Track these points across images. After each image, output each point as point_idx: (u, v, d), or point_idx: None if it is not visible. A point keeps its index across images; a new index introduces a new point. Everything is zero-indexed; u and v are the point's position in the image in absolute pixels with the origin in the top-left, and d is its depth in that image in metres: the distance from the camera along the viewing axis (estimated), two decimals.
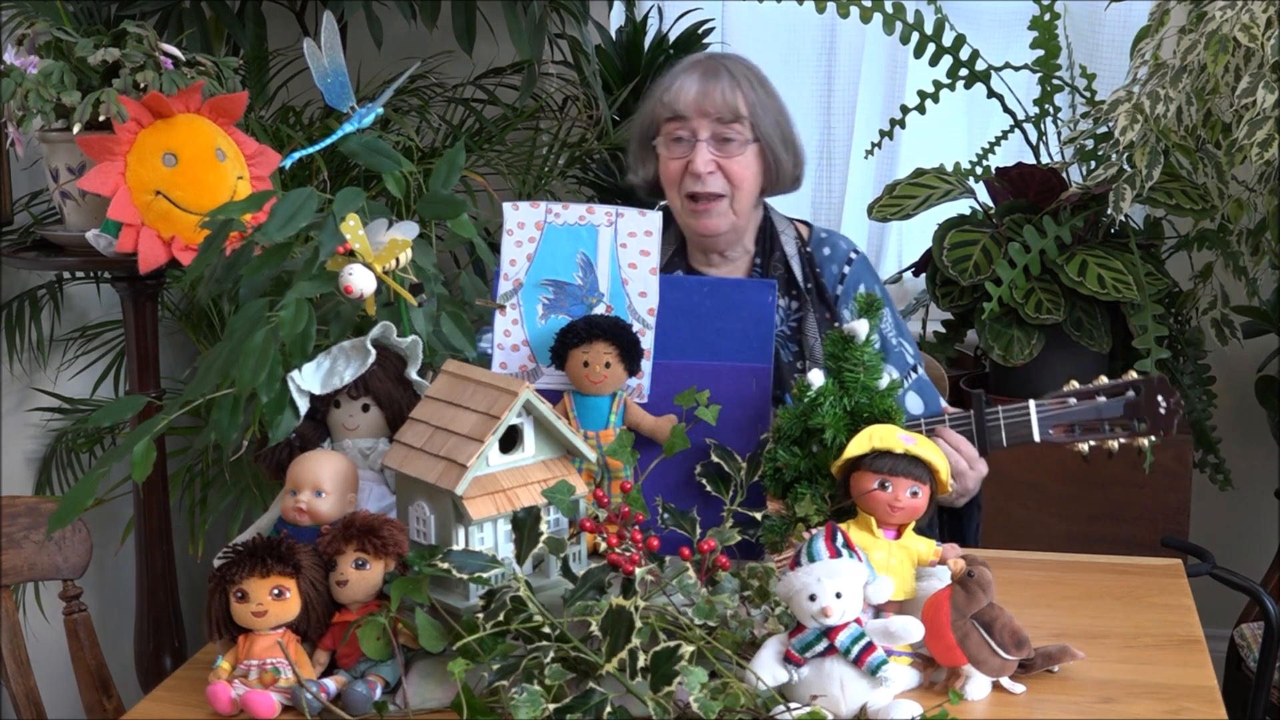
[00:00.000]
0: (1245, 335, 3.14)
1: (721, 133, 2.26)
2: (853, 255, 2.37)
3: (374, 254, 1.79)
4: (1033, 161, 3.11)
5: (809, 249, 2.37)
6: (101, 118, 2.29)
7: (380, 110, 1.93)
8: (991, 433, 2.02)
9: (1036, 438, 2.00)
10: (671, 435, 1.86)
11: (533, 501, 1.68)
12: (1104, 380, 2.01)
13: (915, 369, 2.34)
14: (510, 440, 1.70)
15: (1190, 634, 1.81)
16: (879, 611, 1.68)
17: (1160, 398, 1.98)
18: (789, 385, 2.25)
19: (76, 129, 2.31)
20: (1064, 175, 2.99)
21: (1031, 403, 2.00)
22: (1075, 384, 2.02)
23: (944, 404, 2.33)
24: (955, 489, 2.08)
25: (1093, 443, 1.99)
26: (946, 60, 3.06)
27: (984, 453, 2.04)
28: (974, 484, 2.07)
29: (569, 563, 1.67)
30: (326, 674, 1.67)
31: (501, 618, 1.56)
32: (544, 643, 1.53)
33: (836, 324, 2.30)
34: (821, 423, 1.80)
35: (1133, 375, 2.01)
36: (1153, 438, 1.98)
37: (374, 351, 1.81)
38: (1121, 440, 1.99)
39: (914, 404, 2.29)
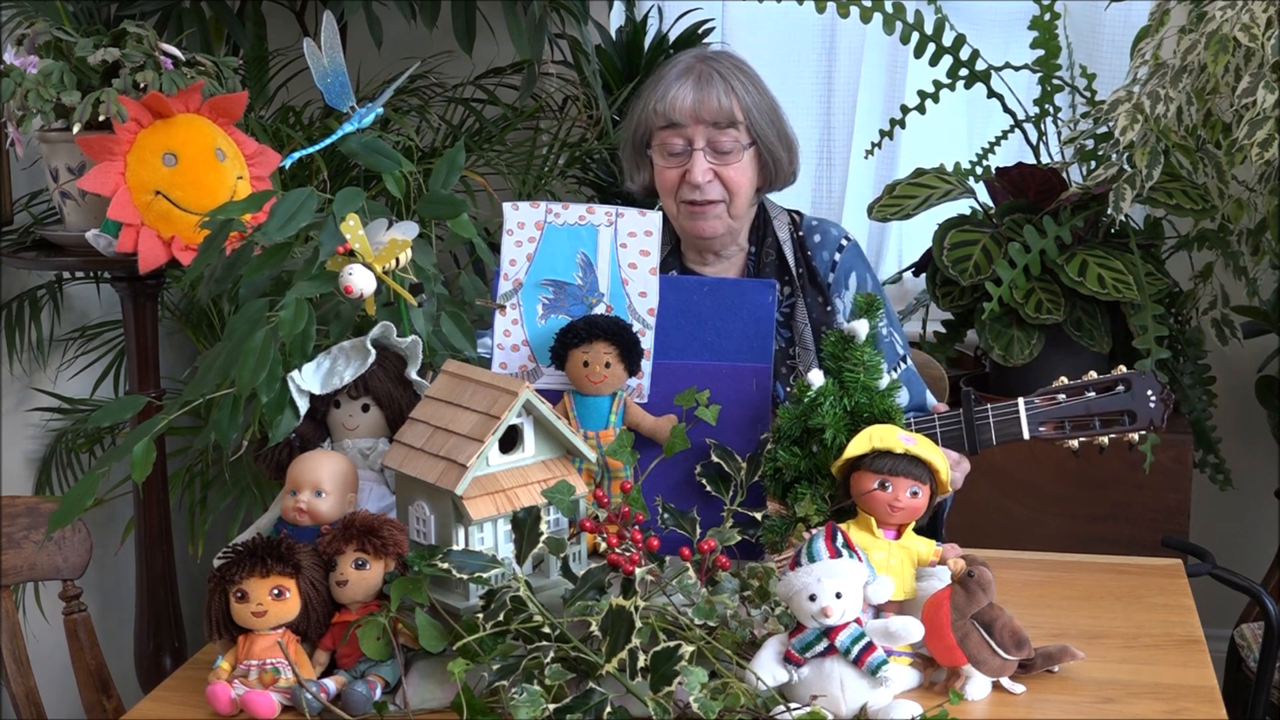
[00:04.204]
0: (1245, 335, 3.14)
1: (717, 140, 2.25)
2: (844, 242, 2.37)
3: (374, 254, 1.79)
4: (1033, 161, 3.11)
5: (800, 234, 2.37)
6: (101, 118, 2.29)
7: (380, 110, 1.93)
8: (981, 431, 2.01)
9: (1026, 435, 2.00)
10: (671, 435, 1.86)
11: (533, 501, 1.68)
12: (1093, 376, 2.01)
13: (904, 359, 2.34)
14: (510, 440, 1.70)
15: (1190, 634, 1.81)
16: (879, 611, 1.68)
17: (1149, 392, 1.98)
18: (781, 373, 2.25)
19: (76, 129, 2.31)
20: (1064, 175, 2.99)
21: (1021, 401, 2.00)
22: (1064, 380, 2.02)
23: (933, 401, 2.32)
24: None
25: (1083, 439, 1.99)
26: (946, 60, 3.06)
27: (974, 451, 2.04)
28: (958, 482, 2.07)
29: (569, 563, 1.67)
30: (326, 674, 1.67)
31: (501, 618, 1.56)
32: (544, 643, 1.53)
33: (829, 308, 2.31)
34: (821, 423, 1.80)
35: (1121, 370, 2.01)
36: (1142, 432, 1.98)
37: (374, 351, 1.81)
38: (1111, 436, 1.99)
39: (900, 395, 2.28)
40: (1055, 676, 1.69)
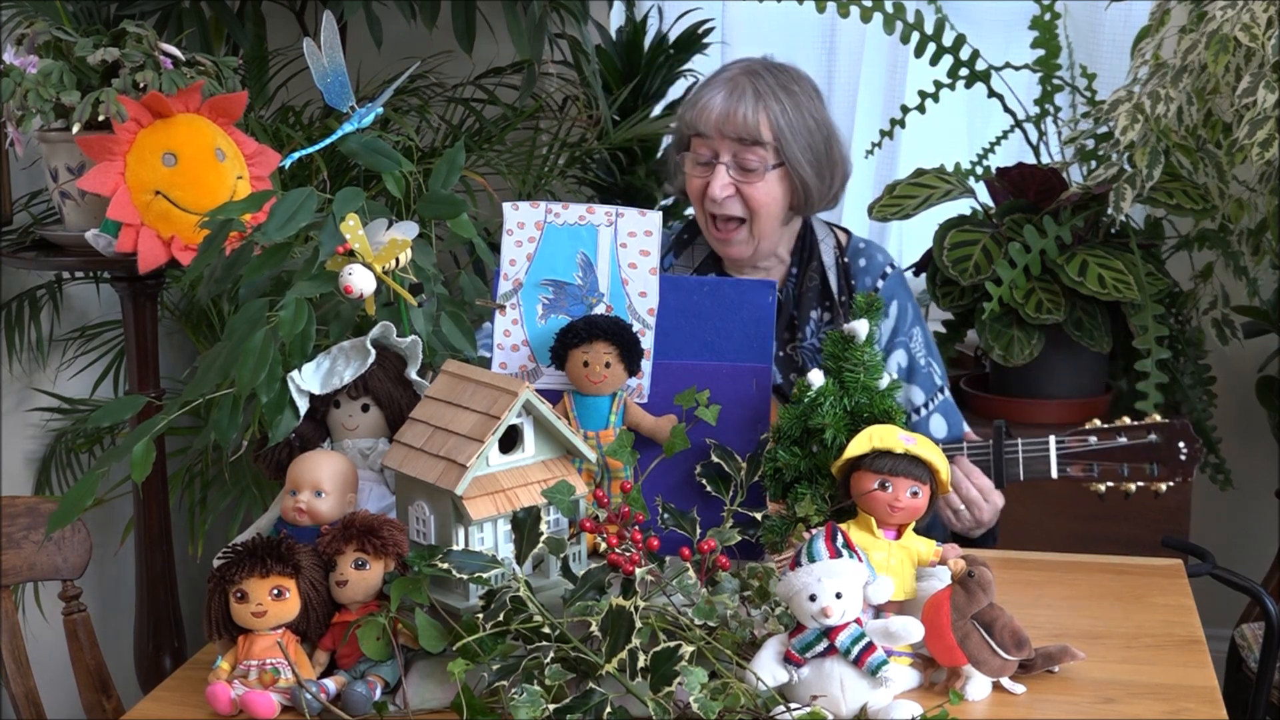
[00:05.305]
0: (1245, 335, 3.14)
1: (742, 156, 2.20)
2: (888, 269, 2.32)
3: (374, 254, 1.79)
4: (1033, 161, 3.11)
5: (845, 258, 2.33)
6: (101, 118, 2.29)
7: (380, 110, 1.93)
8: (1009, 465, 2.01)
9: (1054, 474, 1.99)
10: (671, 435, 1.86)
11: (533, 501, 1.68)
12: (1126, 421, 2.01)
13: (942, 390, 2.30)
14: (510, 440, 1.70)
15: (1190, 634, 1.81)
16: (879, 611, 1.68)
17: (1181, 443, 1.97)
18: None
19: (76, 129, 2.31)
20: (1064, 175, 2.99)
21: (1052, 439, 1.99)
22: (1098, 422, 2.01)
23: (966, 429, 2.30)
24: (969, 521, 2.07)
25: (1110, 484, 1.99)
26: (947, 60, 3.06)
27: (1000, 485, 2.02)
28: (990, 517, 2.06)
29: (569, 563, 1.67)
30: (326, 674, 1.66)
31: (501, 618, 1.56)
32: (544, 643, 1.53)
33: None
34: (821, 423, 1.80)
35: (1155, 418, 2.01)
36: (1170, 483, 1.98)
37: (374, 351, 1.81)
38: (1139, 484, 1.99)
39: (938, 426, 2.26)
40: (1055, 677, 1.69)
